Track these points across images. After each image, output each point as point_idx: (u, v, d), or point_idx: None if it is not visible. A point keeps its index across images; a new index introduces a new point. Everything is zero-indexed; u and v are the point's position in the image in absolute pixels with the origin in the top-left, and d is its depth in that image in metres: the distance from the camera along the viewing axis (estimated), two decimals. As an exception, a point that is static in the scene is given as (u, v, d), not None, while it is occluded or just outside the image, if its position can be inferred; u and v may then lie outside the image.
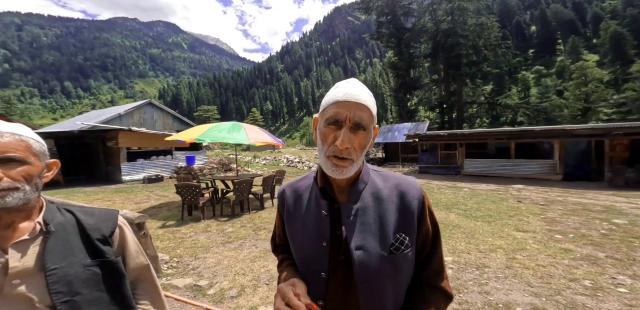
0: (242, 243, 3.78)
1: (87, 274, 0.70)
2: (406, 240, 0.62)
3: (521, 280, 2.62)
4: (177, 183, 4.98)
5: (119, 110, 16.20)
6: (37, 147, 0.68)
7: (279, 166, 15.55)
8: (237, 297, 2.46)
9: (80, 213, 0.77)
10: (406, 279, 0.65)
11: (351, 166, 0.60)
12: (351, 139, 0.58)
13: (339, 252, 0.63)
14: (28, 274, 0.65)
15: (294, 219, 0.72)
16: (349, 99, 0.59)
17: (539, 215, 4.94)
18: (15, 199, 0.62)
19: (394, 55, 24.88)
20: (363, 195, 0.66)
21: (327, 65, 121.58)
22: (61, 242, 0.70)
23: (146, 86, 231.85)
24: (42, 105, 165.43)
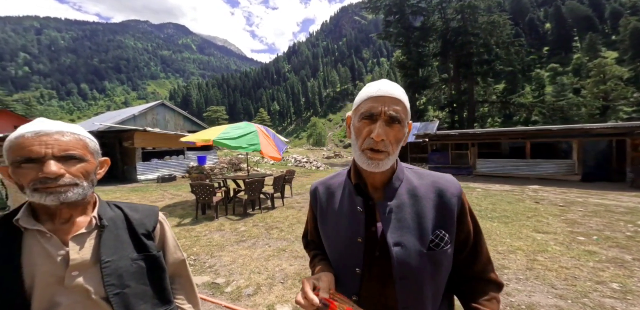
0: (255, 242, 3.81)
1: (134, 268, 0.72)
2: (446, 237, 0.62)
3: (544, 282, 2.54)
4: (192, 182, 5.07)
5: (133, 111, 16.66)
6: (92, 145, 0.71)
7: (287, 166, 15.63)
8: (254, 295, 2.49)
9: (127, 208, 0.80)
10: (445, 276, 0.65)
11: (387, 159, 0.60)
12: (387, 132, 0.59)
13: (375, 248, 0.63)
14: (86, 266, 0.67)
15: (327, 215, 0.72)
16: (383, 93, 0.60)
17: (558, 216, 4.78)
18: (75, 194, 0.64)
19: (402, 55, 24.58)
20: (399, 192, 0.66)
21: (334, 65, 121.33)
22: (113, 236, 0.73)
23: (158, 87, 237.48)
24: (60, 106, 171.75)
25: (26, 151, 0.60)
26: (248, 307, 2.30)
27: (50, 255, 0.65)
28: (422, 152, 14.81)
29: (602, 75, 34.06)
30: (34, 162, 0.60)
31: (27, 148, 0.60)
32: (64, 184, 0.62)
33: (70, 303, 0.64)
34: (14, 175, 0.63)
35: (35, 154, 0.60)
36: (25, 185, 0.62)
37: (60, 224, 0.68)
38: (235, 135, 5.30)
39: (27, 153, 0.60)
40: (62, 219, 0.68)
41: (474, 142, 11.09)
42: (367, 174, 0.67)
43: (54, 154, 0.62)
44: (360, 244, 0.64)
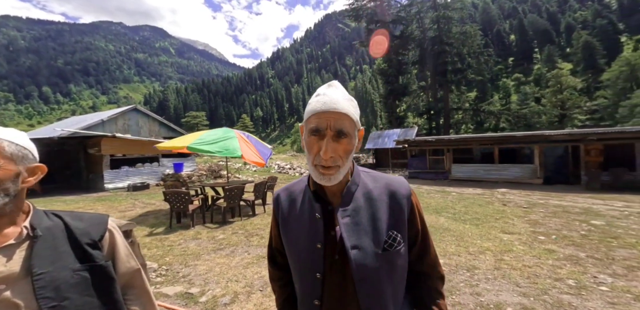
0: (234, 250, 3.72)
1: (75, 279, 0.69)
2: (398, 237, 0.65)
3: (510, 281, 2.71)
4: (165, 190, 4.88)
5: (102, 116, 15.72)
6: (11, 149, 0.66)
7: (270, 173, 15.44)
8: (231, 304, 2.43)
9: (68, 217, 0.76)
10: (401, 276, 0.68)
11: (337, 173, 0.62)
12: (335, 148, 0.60)
13: (334, 253, 0.65)
14: (14, 279, 0.63)
15: (288, 222, 0.74)
16: (328, 109, 0.60)
17: (522, 217, 5.15)
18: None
19: (383, 62, 25.67)
20: (355, 197, 0.68)
21: (317, 71, 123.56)
22: (49, 246, 0.69)
23: (131, 92, 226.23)
24: (18, 111, 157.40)
25: None
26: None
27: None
28: (403, 157, 15.32)
29: (559, 86, 37.52)
30: None
31: None
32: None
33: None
34: None
35: None
36: None
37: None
38: (212, 141, 5.15)
39: None
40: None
41: (449, 148, 11.72)
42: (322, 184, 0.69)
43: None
44: (320, 249, 0.65)
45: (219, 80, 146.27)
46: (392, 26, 24.20)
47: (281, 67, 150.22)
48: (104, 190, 9.78)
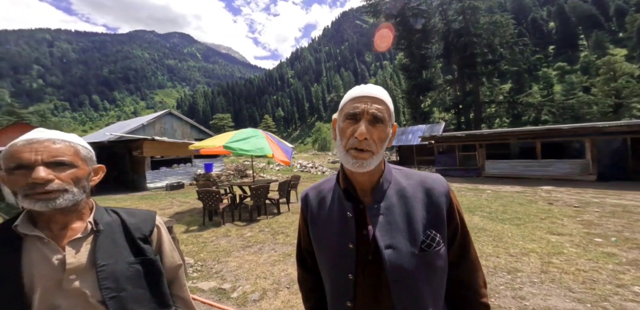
0: (262, 247, 3.82)
1: (131, 271, 0.73)
2: (437, 237, 0.61)
3: (560, 285, 2.46)
4: (199, 189, 5.15)
5: (142, 120, 17.11)
6: (84, 152, 0.73)
7: (293, 172, 15.68)
8: (260, 300, 2.48)
9: (124, 213, 0.81)
10: (441, 278, 0.63)
11: (371, 159, 0.60)
12: (370, 131, 0.58)
13: (367, 253, 0.62)
14: (82, 270, 0.68)
15: (318, 221, 0.71)
16: (366, 94, 0.61)
17: (574, 217, 4.63)
18: (66, 200, 0.66)
19: (404, 57, 24.70)
20: (388, 194, 0.65)
21: (336, 69, 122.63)
22: (109, 240, 0.74)
23: (165, 97, 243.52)
24: (73, 118, 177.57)
25: (16, 158, 0.62)
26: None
27: (49, 260, 0.66)
28: (429, 154, 14.67)
29: (612, 73, 33.36)
30: (24, 169, 0.62)
31: (18, 155, 0.63)
32: (53, 189, 0.63)
33: (69, 306, 0.66)
34: (7, 182, 0.65)
35: (25, 161, 0.62)
36: (18, 192, 0.63)
37: (57, 229, 0.70)
38: (244, 141, 5.37)
39: (17, 160, 0.62)
40: (58, 224, 0.70)
41: (481, 143, 10.92)
42: (356, 177, 0.66)
43: (44, 160, 0.63)
44: (352, 250, 0.63)
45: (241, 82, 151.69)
46: (412, 20, 23.14)
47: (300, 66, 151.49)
48: (146, 190, 10.63)
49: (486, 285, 0.68)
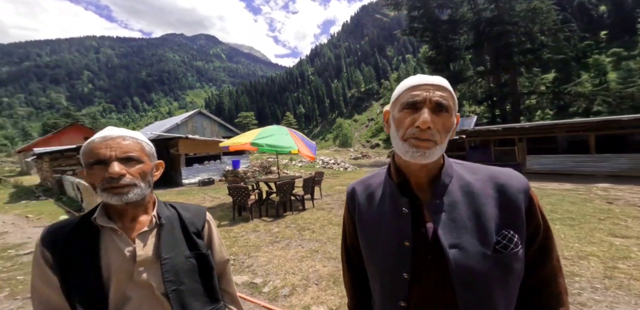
0: (289, 243, 3.91)
1: (187, 265, 0.74)
2: (515, 238, 0.55)
3: (630, 293, 2.24)
4: (229, 185, 5.39)
5: (176, 120, 18.24)
6: (148, 148, 0.75)
7: (315, 168, 15.78)
8: (290, 296, 2.55)
9: (180, 208, 0.83)
10: (516, 282, 0.57)
11: (435, 148, 0.55)
12: (433, 119, 0.54)
13: (426, 252, 0.58)
14: (149, 262, 0.70)
15: (367, 218, 0.68)
16: (426, 81, 0.56)
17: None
18: (135, 194, 0.68)
19: (430, 50, 23.38)
20: (450, 190, 0.60)
21: (357, 65, 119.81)
22: (169, 234, 0.75)
23: (194, 97, 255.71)
24: (118, 119, 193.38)
25: (95, 154, 0.66)
26: (285, 308, 2.36)
27: (122, 252, 0.68)
28: (460, 149, 13.95)
29: (678, 57, 28.49)
30: (102, 164, 0.66)
31: (96, 151, 0.66)
32: (125, 183, 0.66)
33: (139, 298, 0.68)
34: (87, 177, 0.69)
35: (102, 156, 0.66)
36: (97, 185, 0.67)
37: (127, 222, 0.73)
38: (270, 138, 5.49)
39: (95, 156, 0.66)
40: (127, 217, 0.73)
41: (521, 137, 9.98)
42: (411, 171, 0.62)
43: (117, 156, 0.67)
44: (408, 248, 0.59)
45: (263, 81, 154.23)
46: (437, 11, 21.70)
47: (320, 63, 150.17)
48: (181, 185, 11.34)
49: (567, 293, 0.61)
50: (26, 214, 6.70)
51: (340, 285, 2.68)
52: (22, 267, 3.51)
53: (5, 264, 3.65)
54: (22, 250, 4.16)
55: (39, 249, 0.68)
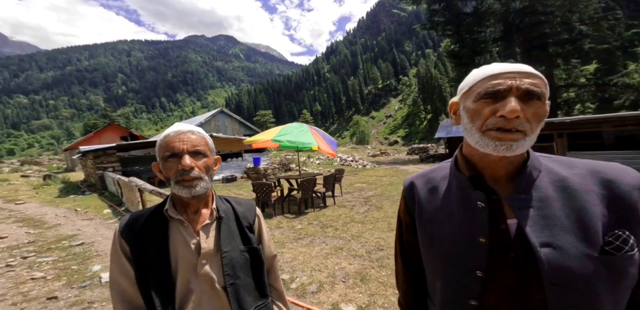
0: (312, 240, 3.92)
1: (242, 259, 0.73)
2: (631, 239, 0.49)
3: None
4: (253, 182, 5.51)
5: (200, 119, 18.99)
6: (210, 143, 0.76)
7: (333, 165, 15.74)
8: (317, 292, 2.55)
9: (233, 202, 0.83)
10: (628, 289, 0.51)
11: (523, 140, 0.50)
12: (522, 108, 0.49)
13: (507, 249, 0.53)
14: (210, 255, 0.70)
15: (429, 213, 0.64)
16: (512, 69, 0.51)
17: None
18: (202, 188, 0.69)
19: (452, 44, 22.22)
20: (539, 185, 0.55)
21: (374, 61, 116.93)
22: (227, 227, 0.75)
23: (216, 96, 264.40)
24: (148, 119, 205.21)
25: (170, 148, 0.68)
26: (314, 305, 2.38)
27: (187, 244, 0.69)
28: None
29: None
30: (175, 157, 0.68)
31: (171, 145, 0.69)
32: (194, 176, 0.68)
33: (200, 291, 0.68)
34: (163, 169, 0.71)
35: (177, 150, 0.68)
36: (171, 178, 0.69)
37: (192, 214, 0.73)
38: (291, 134, 5.53)
39: (171, 149, 0.68)
40: (192, 210, 0.73)
41: (561, 132, 9.17)
42: (487, 164, 0.57)
43: (188, 149, 0.69)
44: (484, 244, 0.55)
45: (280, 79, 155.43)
46: (460, 4, 20.45)
47: (336, 60, 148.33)
48: (206, 180, 11.87)
49: None
50: (75, 208, 7.24)
51: (368, 283, 2.65)
52: (75, 258, 3.75)
53: (61, 254, 3.92)
54: (74, 241, 4.47)
55: (117, 240, 0.70)
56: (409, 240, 0.73)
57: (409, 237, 0.73)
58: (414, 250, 0.71)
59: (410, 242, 0.73)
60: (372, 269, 2.96)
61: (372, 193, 7.25)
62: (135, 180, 5.11)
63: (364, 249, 3.52)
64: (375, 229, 4.28)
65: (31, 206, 7.99)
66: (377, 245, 3.59)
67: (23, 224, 5.86)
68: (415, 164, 15.12)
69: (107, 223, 5.53)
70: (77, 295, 2.71)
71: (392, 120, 69.93)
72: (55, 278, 3.13)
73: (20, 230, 5.27)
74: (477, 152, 0.57)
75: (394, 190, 7.47)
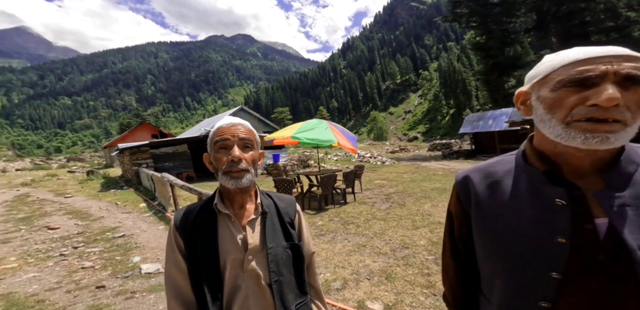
0: (334, 236, 3.90)
1: (285, 256, 0.71)
2: None
3: None
4: (275, 178, 5.59)
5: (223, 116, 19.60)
6: (257, 138, 0.75)
7: (351, 162, 15.57)
8: (342, 289, 2.53)
9: (274, 197, 0.80)
10: None
11: (624, 132, 0.44)
12: (622, 95, 0.43)
13: (593, 251, 0.48)
14: (256, 251, 0.68)
15: (491, 209, 0.59)
16: (603, 53, 0.44)
17: None
18: (247, 180, 0.68)
19: (478, 36, 20.87)
20: (636, 180, 0.48)
21: (392, 56, 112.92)
22: (270, 222, 0.73)
23: (235, 95, 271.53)
24: (175, 117, 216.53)
25: (222, 138, 0.68)
26: (339, 301, 2.36)
27: (235, 239, 0.68)
28: (517, 141, 12.47)
29: None
30: (226, 148, 0.68)
31: (224, 136, 0.69)
32: (242, 168, 0.67)
33: (246, 287, 0.66)
34: (213, 160, 0.71)
35: (228, 141, 0.68)
36: (219, 169, 0.69)
37: (237, 209, 0.72)
38: (310, 131, 5.50)
39: (222, 140, 0.68)
40: (237, 204, 0.73)
41: None
42: (568, 157, 0.51)
43: (238, 142, 0.68)
44: (564, 245, 0.50)
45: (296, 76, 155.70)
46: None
47: (352, 56, 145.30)
48: (228, 176, 12.22)
49: None
50: (115, 201, 7.73)
51: (394, 282, 2.59)
52: (118, 249, 3.92)
53: (106, 245, 4.12)
54: (116, 233, 4.74)
55: (172, 235, 0.70)
56: (461, 237, 0.68)
57: (461, 234, 0.68)
58: (465, 246, 0.68)
59: (462, 239, 0.68)
60: (398, 267, 2.88)
61: (393, 190, 7.08)
62: (167, 176, 5.39)
63: (387, 246, 3.44)
64: (398, 226, 4.17)
65: (78, 199, 8.69)
66: (401, 244, 3.50)
67: (72, 216, 6.37)
68: (437, 161, 14.50)
69: (143, 216, 5.86)
70: (121, 285, 2.84)
71: (411, 116, 67.67)
72: (102, 268, 3.30)
73: (70, 222, 5.74)
74: (555, 145, 0.51)
75: (416, 187, 7.23)
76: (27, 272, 3.29)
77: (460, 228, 0.68)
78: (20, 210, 7.40)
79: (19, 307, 2.49)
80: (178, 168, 11.89)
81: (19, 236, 4.87)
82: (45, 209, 7.31)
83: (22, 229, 5.36)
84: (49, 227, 5.26)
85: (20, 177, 17.11)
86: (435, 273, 2.70)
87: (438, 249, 3.24)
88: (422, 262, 2.97)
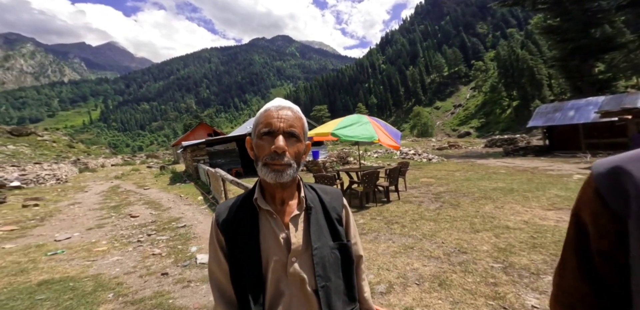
0: (377, 236, 3.72)
1: (332, 257, 0.62)
2: None
3: None
4: (315, 174, 5.62)
5: (266, 116, 20.65)
6: (306, 127, 0.65)
7: (393, 159, 14.82)
8: (387, 293, 2.36)
9: (319, 190, 0.70)
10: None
11: None
12: None
13: None
14: (300, 252, 0.60)
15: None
16: None
17: None
18: (288, 175, 0.60)
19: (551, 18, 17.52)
20: None
21: (437, 47, 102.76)
22: (315, 219, 0.64)
23: (277, 94, 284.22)
24: (225, 118, 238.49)
25: (268, 123, 0.60)
26: (383, 306, 2.19)
27: (277, 237, 0.60)
28: (612, 135, 10.23)
29: None
30: (270, 136, 0.60)
31: (270, 120, 0.60)
32: (284, 162, 0.59)
33: (290, 293, 0.58)
34: (255, 146, 0.63)
35: (274, 127, 0.59)
36: (260, 159, 0.61)
37: (279, 205, 0.64)
38: (349, 127, 5.34)
39: (268, 125, 0.60)
40: (278, 200, 0.65)
41: None
42: None
43: (284, 129, 0.60)
44: None
45: (334, 74, 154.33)
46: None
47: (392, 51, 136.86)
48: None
49: None
50: (180, 194, 8.65)
51: (449, 289, 2.32)
52: (180, 238, 4.13)
53: (171, 234, 4.36)
54: (179, 223, 4.99)
55: (214, 231, 0.65)
56: (602, 251, 0.49)
57: (603, 247, 0.49)
58: (606, 260, 0.48)
59: (601, 251, 0.49)
60: (454, 273, 2.59)
61: (443, 189, 6.48)
62: (220, 171, 5.89)
63: (440, 250, 3.13)
64: (452, 228, 3.77)
65: (153, 191, 10.07)
66: (457, 247, 3.14)
67: (148, 206, 7.33)
68: (497, 158, 12.74)
69: (200, 209, 6.46)
70: (180, 273, 2.95)
71: (462, 110, 61.24)
72: (167, 256, 3.50)
73: (147, 211, 6.58)
74: None
75: (472, 186, 6.47)
76: (113, 255, 3.66)
77: (601, 239, 0.50)
78: (112, 199, 8.91)
79: (103, 288, 2.74)
80: (228, 164, 12.99)
81: (110, 222, 5.74)
82: (129, 199, 8.66)
83: (112, 216, 6.35)
84: (131, 215, 6.10)
85: (114, 171, 20.97)
86: (504, 283, 2.33)
87: (507, 256, 2.81)
88: (486, 269, 2.61)
